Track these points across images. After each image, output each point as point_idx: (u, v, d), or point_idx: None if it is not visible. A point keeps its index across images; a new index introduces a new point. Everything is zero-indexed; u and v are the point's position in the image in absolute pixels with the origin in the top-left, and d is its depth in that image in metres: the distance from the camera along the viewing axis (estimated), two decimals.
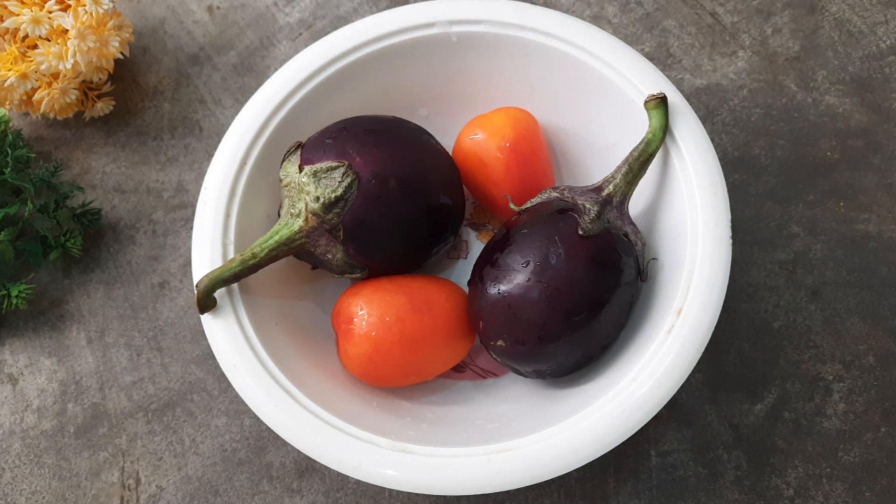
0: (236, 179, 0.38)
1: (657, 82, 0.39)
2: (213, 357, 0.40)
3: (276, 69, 0.43)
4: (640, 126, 0.39)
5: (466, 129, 0.42)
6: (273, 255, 0.36)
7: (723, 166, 0.37)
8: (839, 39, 0.51)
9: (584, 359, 0.36)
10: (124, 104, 0.51)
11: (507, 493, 0.41)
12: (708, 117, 0.49)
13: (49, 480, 0.42)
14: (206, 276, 0.35)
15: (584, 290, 0.34)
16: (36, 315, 0.46)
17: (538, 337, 0.34)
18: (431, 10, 0.41)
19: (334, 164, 0.35)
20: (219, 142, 0.39)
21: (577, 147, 0.43)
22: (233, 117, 0.40)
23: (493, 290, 0.35)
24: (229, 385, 0.43)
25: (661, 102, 0.36)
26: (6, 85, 0.45)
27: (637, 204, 0.40)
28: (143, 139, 0.50)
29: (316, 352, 0.39)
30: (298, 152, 0.36)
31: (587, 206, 0.35)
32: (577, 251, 0.34)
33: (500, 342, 0.35)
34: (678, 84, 0.50)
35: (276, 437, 0.42)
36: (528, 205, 0.38)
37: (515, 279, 0.34)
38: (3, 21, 0.46)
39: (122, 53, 0.49)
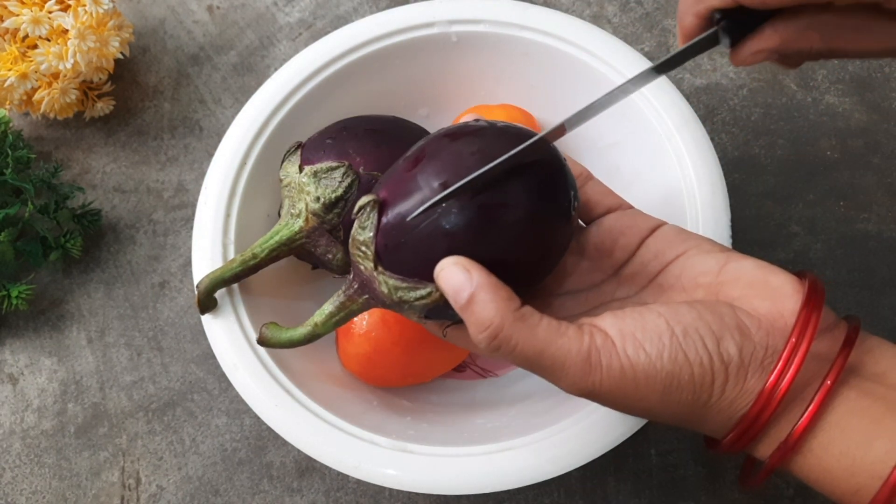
0: (236, 179, 0.38)
1: (657, 82, 0.39)
2: (213, 357, 0.40)
3: (276, 69, 0.43)
4: (639, 126, 0.39)
5: (465, 116, 0.41)
6: (273, 256, 0.36)
7: (723, 166, 0.37)
8: None
9: None
10: (124, 104, 0.51)
11: (507, 492, 0.41)
12: (708, 117, 0.49)
13: (49, 480, 0.42)
14: (207, 276, 0.35)
15: None
16: (36, 315, 0.46)
17: None
18: (431, 10, 0.41)
19: (334, 164, 0.35)
20: (219, 142, 0.39)
21: (576, 147, 0.43)
22: (233, 117, 0.40)
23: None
24: (229, 385, 0.43)
25: None
26: (6, 85, 0.45)
27: (637, 204, 0.40)
28: (143, 139, 0.50)
29: (316, 351, 0.39)
30: (298, 152, 0.36)
31: None
32: None
33: None
34: (678, 84, 0.50)
35: (277, 437, 0.42)
36: None
37: None
38: (3, 21, 0.46)
39: (122, 53, 0.49)
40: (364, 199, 0.29)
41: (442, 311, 0.29)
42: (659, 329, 0.27)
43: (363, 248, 0.29)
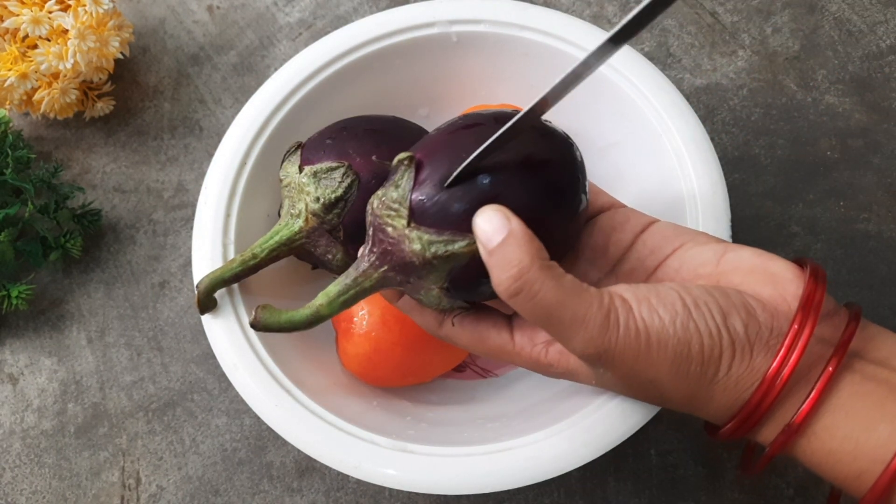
0: (236, 179, 0.38)
1: (657, 82, 0.39)
2: (213, 357, 0.40)
3: (276, 69, 0.43)
4: (639, 126, 0.39)
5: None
6: (273, 256, 0.36)
7: (723, 166, 0.37)
8: (839, 39, 0.51)
9: None
10: (124, 104, 0.51)
11: (507, 492, 0.41)
12: (708, 117, 0.49)
13: (49, 480, 0.42)
14: (207, 276, 0.35)
15: None
16: (36, 315, 0.46)
17: None
18: (431, 10, 0.41)
19: (334, 164, 0.35)
20: (219, 142, 0.39)
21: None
22: (233, 117, 0.40)
23: None
24: (229, 385, 0.43)
25: None
26: (6, 85, 0.45)
27: (636, 205, 0.40)
28: (143, 139, 0.50)
29: (316, 351, 0.39)
30: (298, 152, 0.36)
31: None
32: None
33: None
34: (678, 84, 0.50)
35: (277, 437, 0.42)
36: None
37: None
38: (3, 21, 0.46)
39: (122, 53, 0.49)
40: (401, 155, 0.30)
41: (469, 277, 0.29)
42: (671, 297, 0.27)
43: (395, 206, 0.29)
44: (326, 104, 0.41)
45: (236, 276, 0.35)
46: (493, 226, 0.27)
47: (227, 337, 0.35)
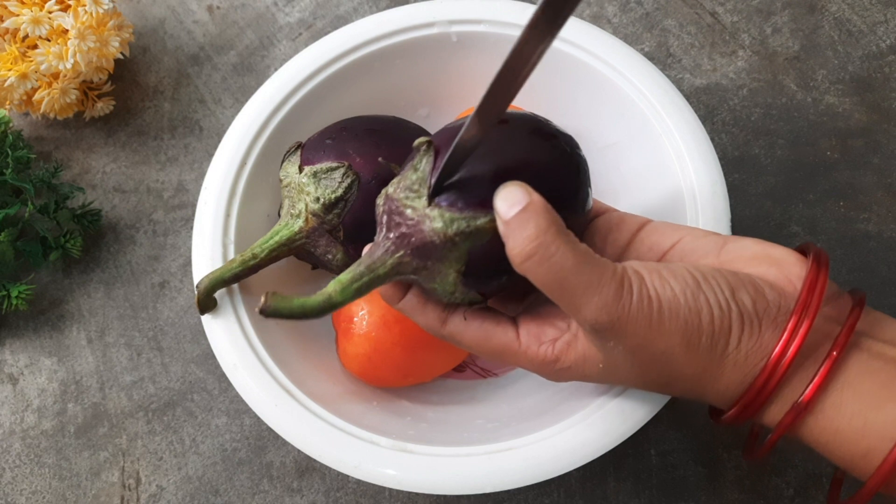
0: (236, 179, 0.38)
1: (657, 82, 0.39)
2: (213, 357, 0.40)
3: (276, 69, 0.43)
4: (639, 126, 0.39)
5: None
6: (273, 256, 0.36)
7: (723, 166, 0.37)
8: (839, 39, 0.51)
9: None
10: (124, 104, 0.51)
11: (507, 492, 0.41)
12: (708, 117, 0.49)
13: (49, 480, 0.42)
14: (207, 276, 0.35)
15: None
16: (36, 315, 0.46)
17: None
18: (431, 10, 0.41)
19: (334, 164, 0.35)
20: (219, 142, 0.39)
21: None
22: (233, 117, 0.40)
23: None
24: (229, 385, 0.43)
25: None
26: (6, 85, 0.45)
27: (636, 205, 0.40)
28: (143, 139, 0.50)
29: (316, 351, 0.39)
30: (298, 153, 0.36)
31: None
32: None
33: None
34: (678, 84, 0.50)
35: (277, 437, 0.42)
36: None
37: None
38: (3, 21, 0.46)
39: (122, 53, 0.49)
40: (420, 140, 0.30)
41: (488, 256, 0.29)
42: (682, 272, 0.28)
43: (415, 187, 0.29)
44: (326, 104, 0.41)
45: (236, 276, 0.35)
46: (514, 198, 0.27)
47: (227, 337, 0.35)
